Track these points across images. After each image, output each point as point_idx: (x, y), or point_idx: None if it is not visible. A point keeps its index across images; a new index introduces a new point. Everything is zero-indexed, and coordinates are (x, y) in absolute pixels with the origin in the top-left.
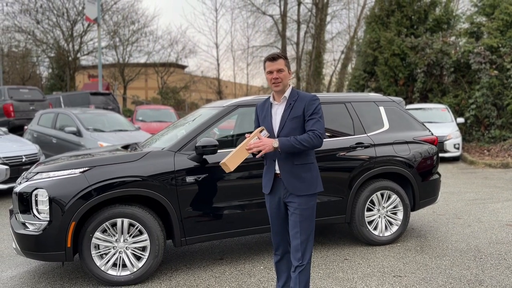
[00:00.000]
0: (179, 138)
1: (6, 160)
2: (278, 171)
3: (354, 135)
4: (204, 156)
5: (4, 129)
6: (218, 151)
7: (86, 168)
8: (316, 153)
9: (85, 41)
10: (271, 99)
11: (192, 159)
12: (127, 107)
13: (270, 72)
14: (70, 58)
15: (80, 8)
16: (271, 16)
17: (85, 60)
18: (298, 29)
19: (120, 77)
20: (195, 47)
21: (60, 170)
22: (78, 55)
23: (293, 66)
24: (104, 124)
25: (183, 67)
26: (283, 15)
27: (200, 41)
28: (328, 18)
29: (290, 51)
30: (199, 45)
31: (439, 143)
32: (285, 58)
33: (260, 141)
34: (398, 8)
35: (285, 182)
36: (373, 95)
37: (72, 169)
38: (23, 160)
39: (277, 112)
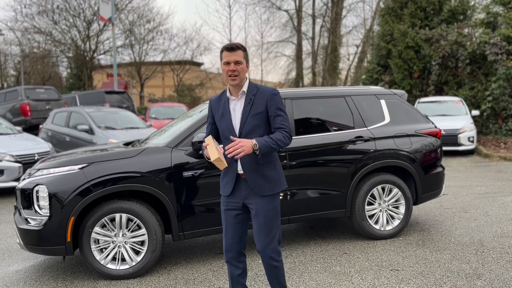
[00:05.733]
0: (176, 134)
1: (19, 158)
2: (241, 171)
3: (354, 128)
4: (201, 152)
5: (19, 128)
6: None
7: (85, 165)
8: (314, 147)
9: (101, 41)
10: (227, 94)
11: (189, 155)
12: (144, 105)
13: (227, 63)
14: (87, 58)
15: (96, 8)
16: (286, 11)
17: (104, 60)
18: (313, 23)
19: (137, 75)
20: (210, 45)
21: (60, 167)
22: (95, 54)
23: (308, 61)
24: (116, 122)
25: (199, 64)
26: (298, 9)
27: (215, 38)
28: (344, 12)
29: (306, 46)
30: (214, 42)
31: (453, 137)
32: (244, 50)
33: (240, 142)
34: (411, 0)
35: (250, 182)
36: (374, 88)
37: (72, 165)
38: (36, 158)
39: (236, 108)
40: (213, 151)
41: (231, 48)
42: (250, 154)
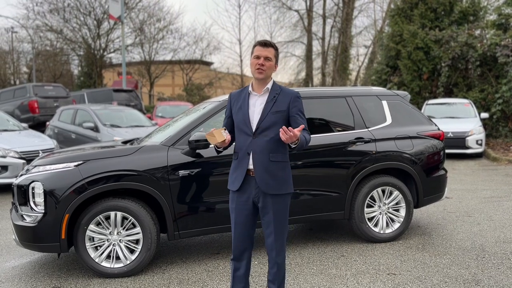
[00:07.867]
0: (173, 133)
1: (23, 154)
2: (251, 167)
3: (354, 129)
4: (198, 151)
5: (25, 124)
6: (211, 145)
7: (80, 162)
8: (313, 148)
9: (112, 39)
10: (249, 89)
11: (185, 154)
12: (153, 104)
13: (257, 57)
14: (97, 56)
15: (106, 6)
16: (296, 11)
17: (114, 58)
18: (324, 23)
19: (147, 74)
20: (219, 44)
21: (56, 164)
22: (105, 53)
23: (318, 62)
24: (122, 120)
25: (208, 63)
26: (309, 10)
27: (224, 37)
28: (355, 13)
29: (316, 46)
30: (223, 41)
31: (460, 139)
32: (276, 49)
33: (294, 134)
34: (422, 0)
35: (258, 180)
36: (376, 89)
37: (67, 162)
38: (40, 154)
39: (257, 103)
40: (214, 130)
41: (264, 43)
42: (263, 151)
